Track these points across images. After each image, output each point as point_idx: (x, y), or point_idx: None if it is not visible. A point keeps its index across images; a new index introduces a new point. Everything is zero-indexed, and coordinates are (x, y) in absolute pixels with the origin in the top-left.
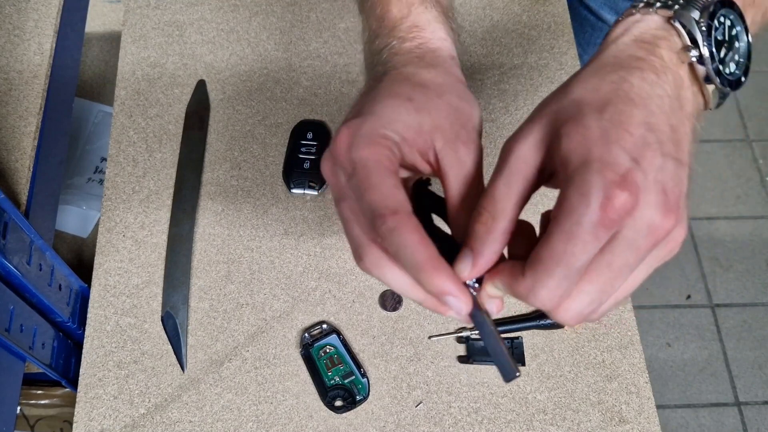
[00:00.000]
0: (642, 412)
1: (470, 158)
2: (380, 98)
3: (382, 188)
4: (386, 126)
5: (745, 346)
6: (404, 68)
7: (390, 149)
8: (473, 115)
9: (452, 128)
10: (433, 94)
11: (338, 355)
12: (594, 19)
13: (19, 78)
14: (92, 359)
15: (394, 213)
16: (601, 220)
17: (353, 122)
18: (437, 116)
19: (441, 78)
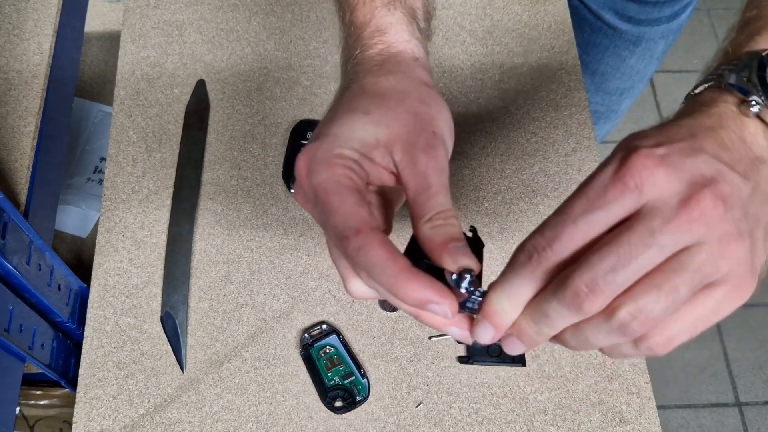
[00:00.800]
0: (643, 412)
1: (431, 166)
2: (337, 117)
3: (342, 208)
4: (343, 145)
5: (745, 347)
6: (364, 79)
7: (348, 167)
8: (436, 117)
9: (410, 137)
10: (392, 104)
11: (338, 356)
12: (594, 20)
13: (18, 78)
14: (91, 359)
15: (357, 232)
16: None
17: (310, 147)
18: (395, 126)
19: (401, 84)
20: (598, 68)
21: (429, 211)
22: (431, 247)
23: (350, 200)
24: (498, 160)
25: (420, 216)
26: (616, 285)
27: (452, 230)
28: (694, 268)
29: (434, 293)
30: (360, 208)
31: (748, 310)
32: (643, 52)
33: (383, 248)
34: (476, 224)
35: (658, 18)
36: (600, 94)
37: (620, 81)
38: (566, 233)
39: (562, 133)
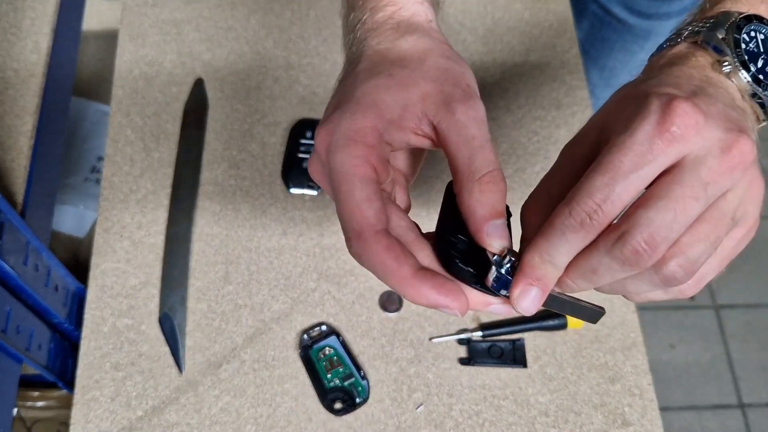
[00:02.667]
0: (645, 414)
1: (471, 116)
2: (359, 83)
3: (349, 203)
4: (367, 114)
5: (749, 348)
6: (378, 46)
7: (370, 146)
8: (465, 73)
9: (444, 91)
10: (416, 63)
11: (338, 357)
12: (603, 14)
13: (15, 77)
14: (89, 361)
15: (359, 236)
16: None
17: (332, 118)
18: (424, 85)
19: (421, 43)
20: (606, 64)
21: (477, 170)
22: (473, 220)
23: (359, 194)
24: (500, 159)
25: (467, 175)
26: (672, 240)
27: (498, 199)
28: (732, 214)
29: (443, 296)
30: (367, 205)
31: (751, 311)
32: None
33: (387, 252)
34: None
35: (668, 12)
36: (608, 90)
37: (629, 76)
38: (618, 192)
39: (564, 132)
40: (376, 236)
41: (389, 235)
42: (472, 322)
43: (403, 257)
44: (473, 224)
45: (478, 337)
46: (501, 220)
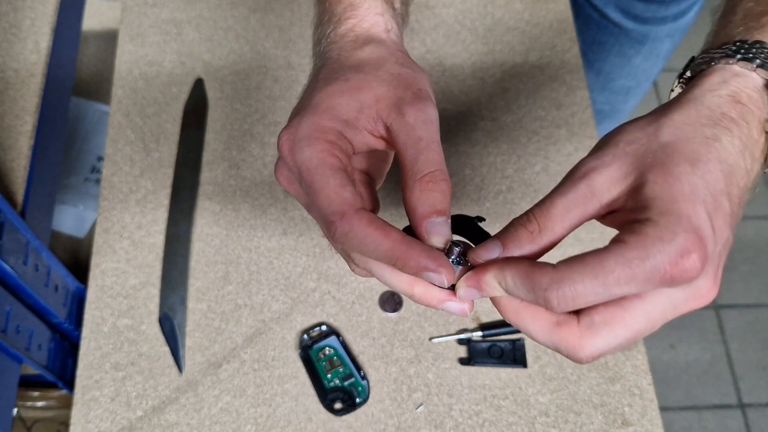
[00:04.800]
0: (645, 414)
1: (420, 118)
2: (317, 90)
3: (326, 190)
4: (324, 116)
5: (749, 348)
6: (339, 55)
7: (332, 142)
8: (418, 77)
9: (396, 94)
10: (371, 68)
11: (338, 357)
12: (599, 17)
13: (15, 77)
14: (89, 361)
15: (342, 216)
16: (667, 272)
17: (292, 123)
18: (378, 88)
19: (377, 51)
20: (603, 67)
21: (420, 170)
22: (414, 218)
23: (333, 181)
24: (499, 159)
25: (411, 174)
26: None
27: (438, 198)
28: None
29: (430, 261)
30: (343, 189)
31: (750, 311)
32: (649, 52)
33: (372, 226)
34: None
35: (663, 17)
36: (605, 94)
37: (625, 80)
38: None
39: (564, 132)
40: (358, 213)
41: (369, 211)
42: (473, 322)
43: (388, 227)
44: (414, 221)
45: (478, 337)
46: (441, 218)
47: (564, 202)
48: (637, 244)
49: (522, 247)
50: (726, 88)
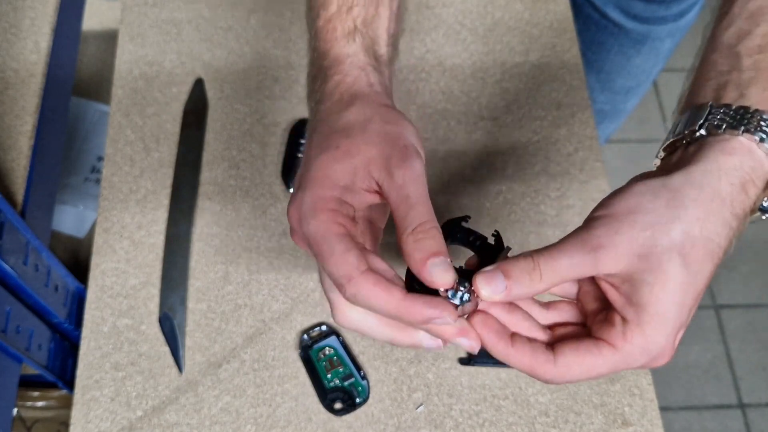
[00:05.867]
0: (645, 414)
1: (407, 177)
2: (313, 159)
3: (334, 257)
4: (324, 187)
5: (749, 348)
6: (328, 117)
7: (334, 210)
8: (403, 133)
9: (383, 154)
10: (359, 131)
11: (338, 357)
12: (598, 17)
13: (15, 76)
14: (89, 361)
15: (349, 279)
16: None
17: (297, 197)
18: (367, 150)
19: (362, 112)
20: (603, 67)
21: (410, 224)
22: (414, 265)
23: (339, 247)
24: (499, 159)
25: (403, 229)
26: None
27: (432, 243)
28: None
29: (433, 309)
30: (349, 254)
31: (751, 311)
32: (649, 51)
33: (377, 287)
34: (477, 224)
35: (664, 16)
36: (605, 93)
37: (626, 80)
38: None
39: (564, 132)
40: (363, 275)
41: (374, 272)
42: None
43: (391, 286)
44: (414, 269)
45: None
46: (438, 258)
47: (569, 263)
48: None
49: (522, 288)
50: (739, 175)
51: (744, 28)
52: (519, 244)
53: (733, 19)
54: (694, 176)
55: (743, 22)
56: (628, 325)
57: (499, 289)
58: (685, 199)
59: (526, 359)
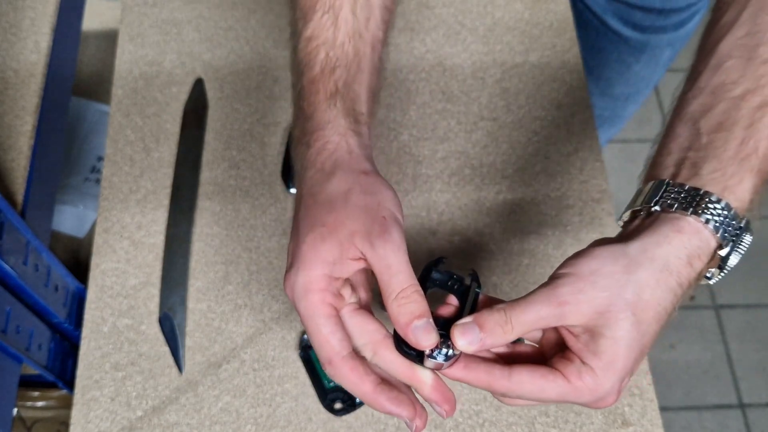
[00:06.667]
0: (645, 414)
1: (388, 248)
2: (302, 237)
3: (318, 337)
4: (314, 267)
5: (749, 348)
6: (312, 188)
7: (323, 290)
8: (381, 202)
9: (365, 227)
10: (341, 205)
11: None
12: (599, 25)
13: (15, 76)
14: (89, 361)
15: (330, 362)
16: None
17: (290, 275)
18: (350, 224)
19: (343, 184)
20: (603, 73)
21: (393, 290)
22: (400, 328)
23: (325, 330)
24: (499, 159)
25: (387, 295)
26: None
27: (414, 308)
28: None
29: (396, 407)
30: (332, 336)
31: (750, 311)
32: (649, 60)
33: (352, 374)
34: (477, 224)
35: (663, 26)
36: (605, 99)
37: (625, 87)
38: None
39: (564, 132)
40: (342, 361)
41: (353, 357)
42: None
43: (365, 375)
44: (401, 332)
45: None
46: (421, 321)
47: (537, 316)
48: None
49: (495, 339)
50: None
51: (707, 103)
52: (519, 244)
53: (699, 91)
54: (647, 248)
55: (707, 96)
56: (584, 367)
57: (475, 341)
58: (639, 267)
59: (482, 376)
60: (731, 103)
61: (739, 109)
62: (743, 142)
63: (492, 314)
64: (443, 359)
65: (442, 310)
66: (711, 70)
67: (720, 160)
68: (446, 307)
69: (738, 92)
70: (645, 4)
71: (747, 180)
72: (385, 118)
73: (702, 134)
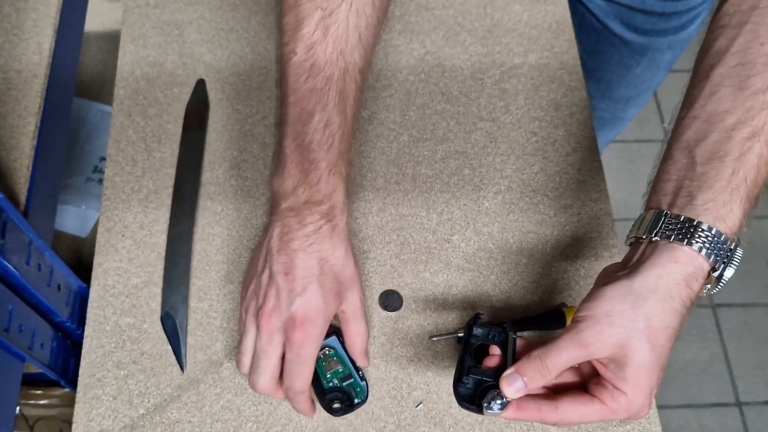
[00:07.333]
0: None
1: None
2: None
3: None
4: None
5: (746, 347)
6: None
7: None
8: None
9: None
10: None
11: (337, 357)
12: (600, 28)
13: (18, 77)
14: (91, 359)
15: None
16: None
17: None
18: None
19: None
20: (603, 76)
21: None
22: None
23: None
24: (498, 159)
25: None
26: None
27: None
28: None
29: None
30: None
31: (748, 310)
32: (649, 63)
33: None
34: (476, 224)
35: (664, 29)
36: (605, 102)
37: (625, 89)
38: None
39: (562, 132)
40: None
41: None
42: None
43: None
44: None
45: None
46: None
47: (568, 358)
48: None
49: (536, 383)
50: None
51: (701, 130)
52: (517, 244)
53: (694, 118)
54: (649, 281)
55: (701, 124)
56: (616, 391)
57: (520, 388)
58: (645, 301)
59: (533, 413)
60: (723, 134)
61: (731, 140)
62: (734, 172)
63: (530, 363)
64: (499, 408)
65: (488, 361)
66: (705, 97)
67: (713, 191)
68: (491, 359)
69: (730, 122)
70: (646, 7)
71: (737, 208)
72: (384, 118)
73: (696, 164)
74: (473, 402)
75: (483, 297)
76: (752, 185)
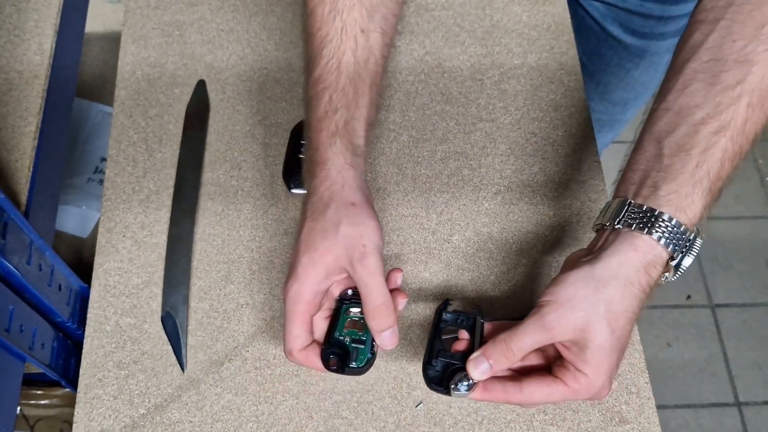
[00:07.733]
0: (642, 412)
1: (365, 271)
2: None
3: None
4: (304, 283)
5: (745, 346)
6: (312, 214)
7: (309, 303)
8: (363, 233)
9: (348, 253)
10: (332, 234)
11: (362, 323)
12: (599, 30)
13: (19, 78)
14: (92, 359)
15: (289, 353)
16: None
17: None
18: (336, 251)
19: (334, 216)
20: (602, 78)
21: (368, 306)
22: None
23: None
24: (498, 160)
25: (365, 307)
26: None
27: (383, 320)
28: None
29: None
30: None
31: (746, 309)
32: (648, 66)
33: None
34: (476, 224)
35: (662, 33)
36: (603, 104)
37: (624, 92)
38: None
39: (561, 133)
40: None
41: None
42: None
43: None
44: (374, 336)
45: None
46: (387, 331)
47: (532, 341)
48: (573, 389)
49: (501, 365)
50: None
51: (671, 123)
52: (517, 244)
53: (665, 111)
54: (611, 268)
55: (672, 116)
56: (578, 372)
57: (486, 370)
58: (606, 287)
59: (499, 394)
60: (692, 127)
61: (698, 134)
62: (698, 165)
63: (496, 346)
64: (465, 389)
65: (457, 345)
66: (678, 91)
67: (677, 182)
68: (460, 342)
69: (699, 116)
70: (644, 10)
71: (698, 200)
72: (384, 119)
73: (664, 155)
74: (441, 384)
75: (483, 297)
76: (715, 179)
